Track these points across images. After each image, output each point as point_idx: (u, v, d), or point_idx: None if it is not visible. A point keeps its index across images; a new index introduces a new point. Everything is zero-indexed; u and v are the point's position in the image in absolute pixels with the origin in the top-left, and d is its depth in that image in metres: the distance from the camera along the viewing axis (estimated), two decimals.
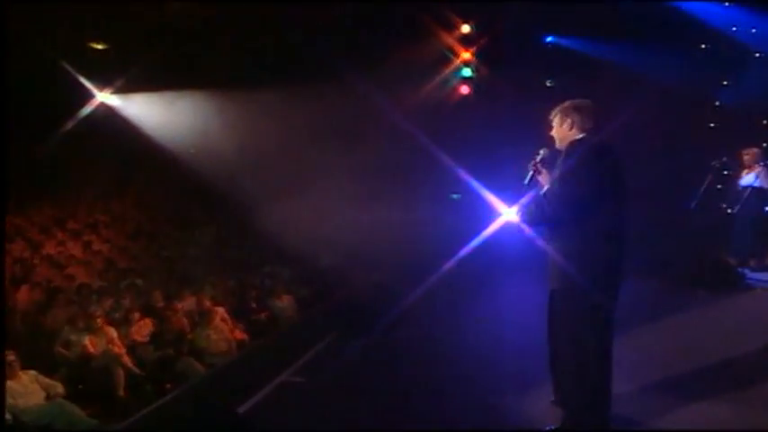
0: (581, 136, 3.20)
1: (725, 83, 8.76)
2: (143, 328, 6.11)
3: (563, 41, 8.60)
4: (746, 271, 6.19)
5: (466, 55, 10.25)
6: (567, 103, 3.30)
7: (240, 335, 6.55)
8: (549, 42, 8.78)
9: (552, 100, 8.96)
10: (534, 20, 8.56)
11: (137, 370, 5.49)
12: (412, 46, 9.56)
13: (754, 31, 8.55)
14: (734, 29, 8.43)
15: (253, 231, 9.34)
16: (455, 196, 10.68)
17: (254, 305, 7.42)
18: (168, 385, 5.38)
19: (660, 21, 8.03)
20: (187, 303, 6.84)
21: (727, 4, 8.28)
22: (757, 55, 8.61)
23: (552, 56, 8.79)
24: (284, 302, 7.50)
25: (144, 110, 9.88)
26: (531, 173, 3.37)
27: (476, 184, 9.44)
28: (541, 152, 3.38)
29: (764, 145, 7.44)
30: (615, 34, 8.12)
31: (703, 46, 8.67)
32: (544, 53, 8.88)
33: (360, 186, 8.95)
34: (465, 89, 10.44)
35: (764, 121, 8.62)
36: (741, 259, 6.31)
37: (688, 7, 8.25)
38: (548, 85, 8.75)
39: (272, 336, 5.65)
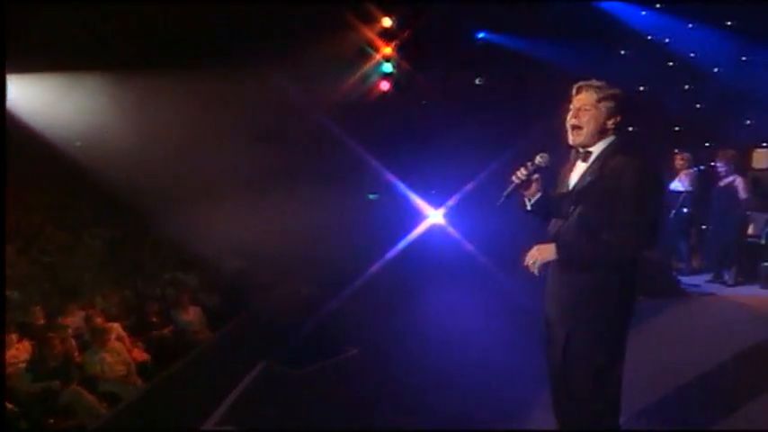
0: (613, 138, 2.65)
1: (641, 88, 8.92)
2: (19, 353, 5.07)
3: (495, 38, 8.32)
4: (680, 277, 6.22)
5: (387, 50, 9.85)
6: (603, 84, 2.69)
7: (140, 355, 5.68)
8: (481, 39, 8.47)
9: (480, 99, 8.78)
10: (464, 15, 8.24)
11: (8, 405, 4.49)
12: (330, 39, 8.99)
13: (667, 40, 8.79)
14: (657, 38, 8.58)
15: (152, 234, 8.42)
16: (372, 196, 10.27)
17: (155, 319, 6.50)
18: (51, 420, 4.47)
19: (591, 22, 8.00)
20: (74, 320, 5.83)
21: (658, 6, 8.39)
22: (671, 64, 8.84)
23: (483, 53, 8.49)
24: (191, 315, 6.64)
25: (23, 94, 8.53)
26: (517, 183, 2.70)
27: (397, 184, 9.16)
28: (539, 159, 2.68)
29: (676, 151, 7.55)
30: (549, 33, 7.96)
31: (623, 52, 8.78)
32: (474, 50, 8.57)
33: (273, 185, 8.32)
34: (385, 85, 10.01)
35: (676, 128, 8.86)
36: (675, 263, 6.31)
37: (617, 10, 8.29)
38: (476, 83, 8.43)
39: (184, 363, 4.74)
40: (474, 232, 7.93)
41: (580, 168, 2.67)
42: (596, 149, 2.62)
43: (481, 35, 8.46)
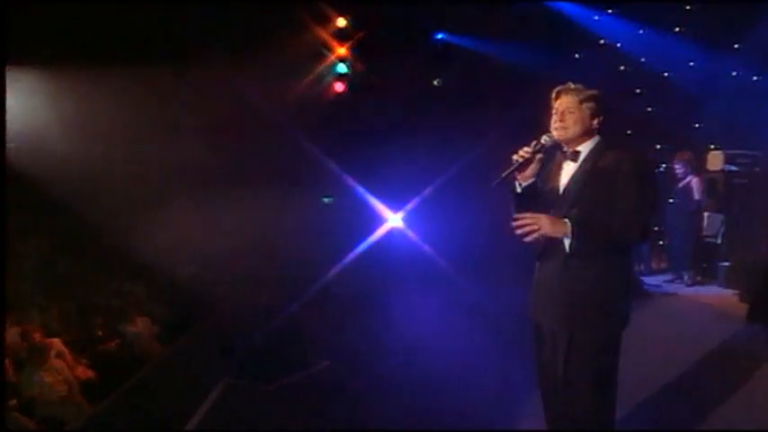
0: (599, 138, 2.64)
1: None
2: None
3: (453, 39, 8.22)
4: (641, 277, 6.27)
5: (341, 50, 9.65)
6: (580, 87, 2.66)
7: (84, 372, 5.24)
8: (439, 40, 8.36)
9: (439, 100, 8.66)
10: (421, 16, 8.12)
11: None
12: (283, 38, 8.72)
13: (618, 45, 8.94)
14: (610, 42, 8.71)
15: (95, 241, 7.89)
16: (327, 200, 10.03)
17: (100, 333, 6.05)
18: None
19: (547, 25, 8.03)
20: (9, 336, 5.31)
21: (609, 11, 8.51)
22: (622, 68, 8.99)
23: (442, 54, 8.38)
24: (139, 327, 6.22)
25: None
26: (521, 162, 2.57)
27: (354, 187, 8.94)
28: (545, 138, 2.60)
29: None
30: (507, 35, 7.94)
31: (577, 55, 8.87)
32: (433, 51, 8.45)
33: (224, 188, 7.97)
34: (339, 86, 9.79)
35: (628, 132, 9.02)
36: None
37: (571, 13, 8.36)
38: (435, 84, 8.32)
39: (136, 381, 4.35)
40: (434, 235, 7.83)
41: (569, 168, 2.62)
42: (584, 149, 2.61)
43: (440, 36, 8.35)
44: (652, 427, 3.42)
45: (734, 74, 8.28)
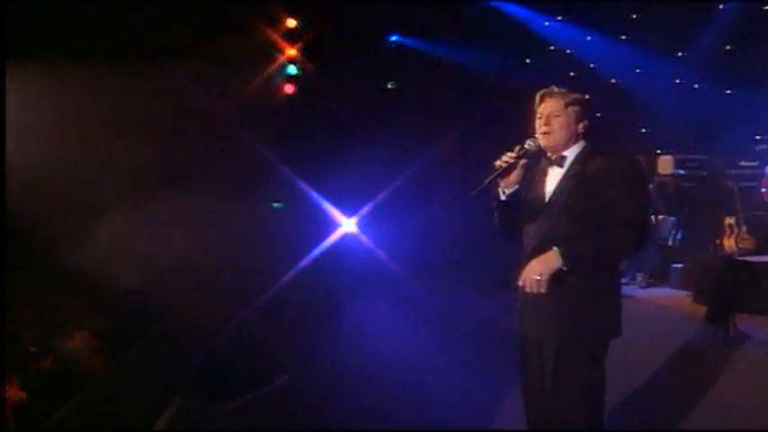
0: (584, 143, 2.53)
1: None
2: None
3: (408, 42, 8.12)
4: None
5: (291, 51, 9.39)
6: (564, 90, 2.55)
7: (15, 393, 4.77)
8: (393, 42, 8.24)
9: (393, 103, 8.54)
10: (374, 17, 7.97)
11: None
12: (231, 38, 8.38)
13: (568, 51, 9.08)
14: (560, 48, 8.83)
15: (24, 250, 7.32)
16: (277, 205, 9.72)
17: (33, 349, 5.55)
18: None
19: (500, 29, 8.05)
20: None
21: (559, 18, 8.62)
22: (572, 74, 9.13)
23: (396, 57, 8.26)
24: (77, 342, 5.73)
25: None
26: (504, 167, 2.45)
27: (304, 191, 8.70)
28: (529, 143, 2.48)
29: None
30: (462, 38, 7.90)
31: (528, 60, 8.95)
32: (387, 53, 8.31)
33: (169, 193, 7.56)
34: (289, 88, 9.52)
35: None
36: None
37: (523, 18, 8.42)
38: (389, 87, 8.18)
39: (77, 401, 3.96)
40: (389, 240, 7.70)
41: (556, 174, 2.51)
42: (571, 153, 2.50)
43: (393, 38, 8.23)
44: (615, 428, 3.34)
45: (678, 81, 8.55)
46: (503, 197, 2.53)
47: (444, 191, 8.54)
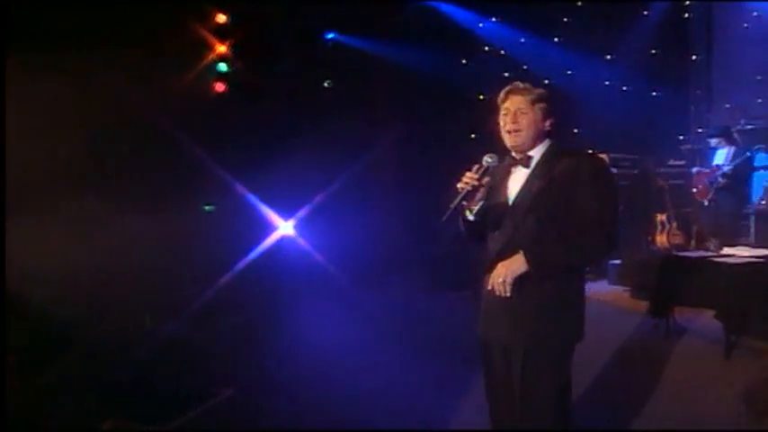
0: (550, 142, 2.48)
1: (481, 97, 9.19)
2: None
3: (345, 39, 7.91)
4: None
5: (221, 48, 8.98)
6: (529, 86, 2.51)
7: None
8: (330, 40, 8.01)
9: (330, 102, 8.30)
10: (309, 13, 7.72)
11: None
12: (158, 35, 7.91)
13: (502, 52, 9.18)
14: (494, 49, 8.90)
15: None
16: (208, 208, 9.26)
17: None
18: None
19: (436, 29, 8.01)
20: None
21: (493, 19, 8.69)
22: (506, 74, 9.23)
23: (333, 55, 8.04)
24: None
25: None
26: (468, 190, 2.37)
27: (238, 194, 8.32)
28: (488, 159, 2.41)
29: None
30: (400, 37, 7.79)
31: (464, 61, 8.97)
32: (323, 51, 8.08)
33: (91, 195, 7.02)
34: (220, 86, 9.11)
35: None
36: None
37: (458, 18, 8.43)
38: (325, 85, 7.95)
39: None
40: (328, 243, 7.49)
41: (521, 174, 2.44)
42: (536, 153, 2.43)
43: (330, 36, 8.01)
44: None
45: (607, 83, 8.80)
46: (471, 217, 2.45)
47: (384, 191, 8.40)
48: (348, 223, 7.62)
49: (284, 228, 7.90)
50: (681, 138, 8.62)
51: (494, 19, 8.97)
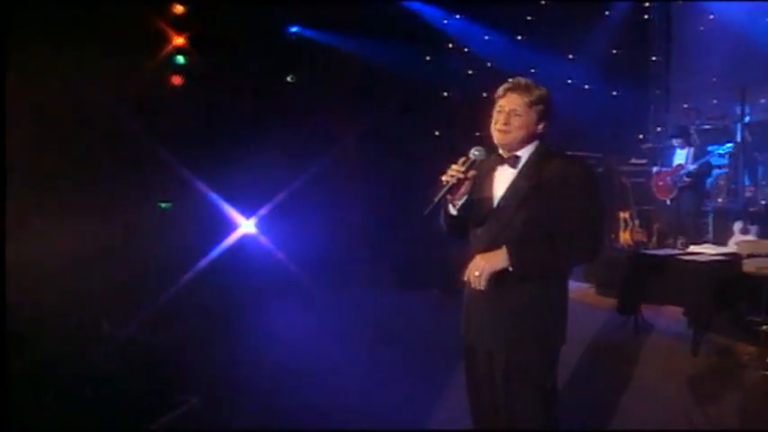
0: (538, 143, 2.39)
1: (445, 94, 9.15)
2: None
3: (309, 33, 7.73)
4: None
5: (179, 40, 8.66)
6: (548, 90, 2.40)
7: None
8: (294, 34, 7.81)
9: (293, 97, 8.12)
10: (273, 6, 7.51)
11: None
12: (112, 25, 7.56)
13: (466, 50, 9.16)
14: (458, 46, 8.87)
15: None
16: (164, 205, 8.93)
17: None
18: None
19: (401, 24, 7.93)
20: None
21: (457, 16, 8.66)
22: (470, 72, 9.22)
23: (296, 49, 7.84)
24: None
25: None
26: (453, 183, 2.27)
27: (196, 191, 8.04)
28: (475, 152, 2.31)
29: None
30: (364, 32, 7.66)
31: (428, 57, 8.91)
32: (287, 45, 7.87)
33: (39, 192, 6.65)
34: (177, 79, 8.78)
35: (477, 133, 9.29)
36: None
37: (423, 14, 8.36)
38: (288, 80, 7.76)
39: None
40: (291, 241, 7.32)
41: (507, 175, 2.36)
42: (524, 153, 2.36)
43: (294, 29, 7.81)
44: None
45: (569, 81, 8.88)
46: (453, 212, 2.37)
47: (348, 188, 8.27)
48: (312, 221, 7.47)
49: (246, 226, 7.70)
50: (641, 137, 8.78)
51: (458, 16, 8.95)
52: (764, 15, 7.51)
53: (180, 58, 8.63)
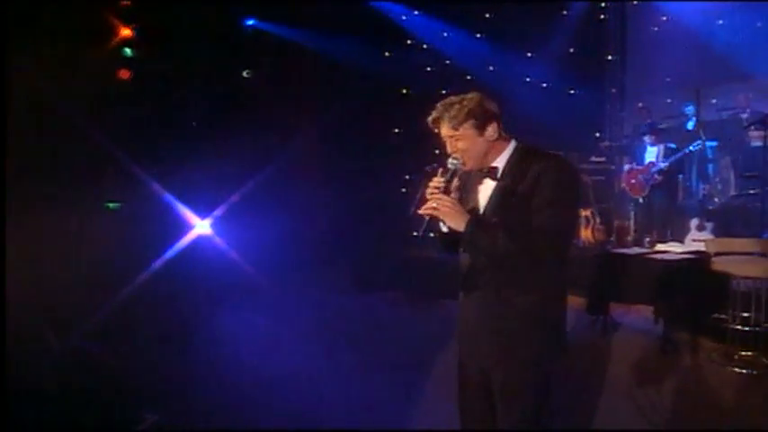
0: (514, 144, 2.25)
1: (404, 91, 9.05)
2: None
3: (266, 27, 7.45)
4: None
5: (126, 32, 8.23)
6: (473, 98, 2.22)
7: None
8: (250, 27, 7.51)
9: (249, 93, 7.85)
10: None
11: None
12: (56, 14, 7.10)
13: (425, 47, 9.08)
14: (417, 43, 8.78)
15: None
16: (112, 205, 8.50)
17: None
18: None
19: (360, 19, 7.77)
20: None
21: (416, 12, 8.56)
22: (429, 69, 9.14)
23: (253, 43, 7.55)
24: None
25: None
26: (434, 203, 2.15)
27: (147, 190, 7.66)
28: (453, 162, 2.18)
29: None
30: (322, 25, 7.45)
31: (387, 54, 8.77)
32: (242, 39, 7.57)
33: None
34: (125, 73, 8.34)
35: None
36: None
37: (383, 10, 8.23)
38: (244, 75, 7.46)
39: None
40: (247, 242, 7.07)
41: (487, 187, 2.24)
42: (501, 162, 2.22)
43: (250, 22, 7.51)
44: None
45: (528, 79, 8.93)
46: (445, 228, 2.21)
47: (306, 187, 8.06)
48: (268, 221, 7.22)
49: (200, 227, 7.38)
50: (597, 135, 8.90)
51: (417, 12, 8.85)
52: (717, 18, 7.72)
53: (128, 51, 8.22)
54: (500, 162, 2.20)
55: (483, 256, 2.15)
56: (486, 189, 2.23)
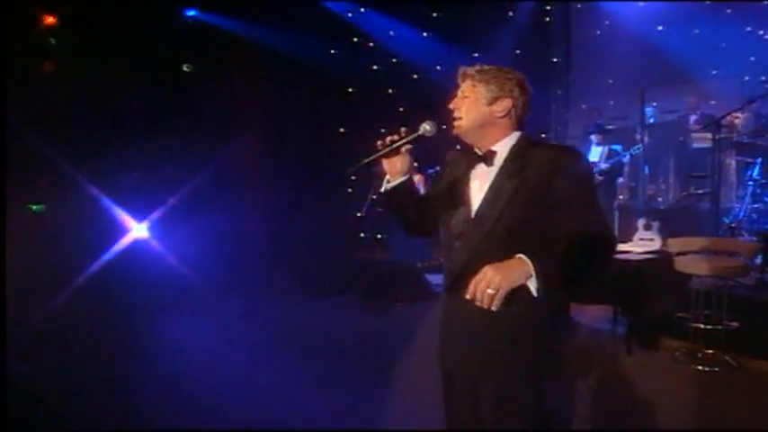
0: (520, 133, 2.04)
1: (350, 90, 8.86)
2: None
3: (208, 18, 7.07)
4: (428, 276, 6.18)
5: (49, 19, 7.65)
6: (516, 76, 2.06)
7: None
8: (191, 18, 7.10)
9: (189, 89, 7.46)
10: None
11: None
12: None
13: (372, 44, 8.92)
14: (363, 41, 8.62)
15: None
16: (36, 207, 7.89)
17: None
18: None
19: (306, 14, 7.53)
20: None
21: (362, 9, 8.40)
22: (375, 67, 8.98)
23: (194, 35, 7.15)
24: None
25: None
26: (382, 152, 2.01)
27: (76, 191, 7.14)
28: (425, 128, 1.99)
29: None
30: (269, 19, 7.15)
31: (333, 51, 8.56)
32: (182, 30, 7.15)
33: None
34: (50, 65, 7.75)
35: (382, 129, 9.10)
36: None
37: (330, 6, 8.02)
38: (184, 69, 7.07)
39: None
40: (186, 248, 6.70)
41: (485, 174, 2.00)
42: (502, 148, 2.00)
43: (191, 13, 7.10)
44: None
45: None
46: (383, 188, 2.08)
47: (249, 188, 7.75)
48: (209, 224, 6.89)
49: (137, 230, 6.94)
50: (543, 136, 9.00)
51: (363, 9, 8.68)
52: (656, 23, 7.94)
53: (52, 41, 7.64)
54: (501, 148, 1.98)
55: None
56: (483, 177, 1.99)
